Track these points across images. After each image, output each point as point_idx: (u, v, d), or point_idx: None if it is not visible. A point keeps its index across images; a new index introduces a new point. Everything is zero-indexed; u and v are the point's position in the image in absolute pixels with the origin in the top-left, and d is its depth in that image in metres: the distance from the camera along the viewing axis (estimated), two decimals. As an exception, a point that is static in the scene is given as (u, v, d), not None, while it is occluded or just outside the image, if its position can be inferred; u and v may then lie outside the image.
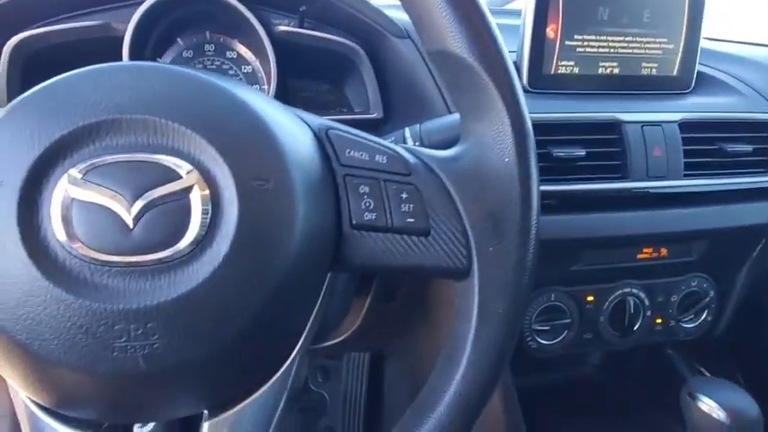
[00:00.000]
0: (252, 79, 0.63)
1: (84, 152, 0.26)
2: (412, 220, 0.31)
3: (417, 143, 0.45)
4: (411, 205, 0.32)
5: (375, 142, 0.33)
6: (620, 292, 0.61)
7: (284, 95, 0.62)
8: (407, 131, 0.46)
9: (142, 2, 0.53)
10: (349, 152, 0.32)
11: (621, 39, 0.65)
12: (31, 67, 0.52)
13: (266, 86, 0.63)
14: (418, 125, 0.46)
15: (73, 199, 0.25)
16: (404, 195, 0.32)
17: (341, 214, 0.31)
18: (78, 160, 0.25)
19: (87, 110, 0.26)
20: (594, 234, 0.58)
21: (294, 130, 0.31)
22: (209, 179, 0.26)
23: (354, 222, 0.31)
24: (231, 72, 0.63)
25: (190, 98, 0.28)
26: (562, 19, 0.62)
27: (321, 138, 0.32)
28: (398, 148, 0.33)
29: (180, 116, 0.27)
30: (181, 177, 0.26)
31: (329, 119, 0.34)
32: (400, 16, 0.62)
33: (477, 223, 0.32)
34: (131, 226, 0.25)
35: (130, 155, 0.26)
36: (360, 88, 0.61)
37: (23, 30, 0.51)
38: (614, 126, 0.59)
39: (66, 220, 0.25)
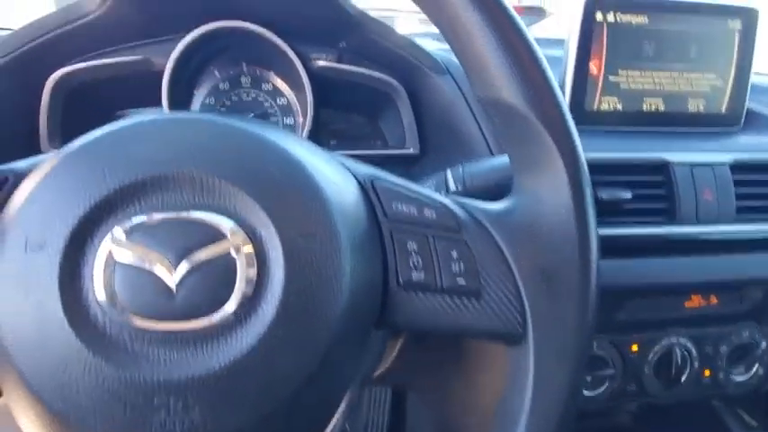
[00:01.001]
0: (287, 111, 0.63)
1: (129, 210, 0.25)
2: (463, 280, 0.30)
3: (460, 186, 0.44)
4: (462, 264, 0.30)
5: (423, 195, 0.32)
6: (666, 341, 0.58)
7: (318, 128, 0.61)
8: (449, 174, 0.44)
9: (181, 37, 0.53)
10: (396, 205, 0.31)
11: (667, 74, 0.62)
12: (71, 101, 0.53)
13: (301, 119, 0.62)
14: (461, 167, 0.45)
15: (116, 261, 0.24)
16: (454, 253, 0.30)
17: (387, 271, 0.29)
18: (123, 218, 0.25)
19: (134, 165, 0.25)
20: (640, 281, 0.55)
21: (339, 182, 0.29)
22: (254, 238, 0.25)
23: (402, 281, 0.29)
24: (266, 104, 0.63)
25: (236, 152, 0.27)
26: (606, 53, 0.60)
27: (366, 188, 0.31)
28: (447, 201, 0.32)
29: (225, 172, 0.26)
30: (225, 237, 0.25)
31: (364, 153, 0.32)
32: (439, 45, 0.62)
33: (532, 284, 0.30)
34: (174, 290, 0.24)
35: (175, 213, 0.25)
36: (396, 122, 0.60)
37: (65, 64, 0.51)
38: (662, 167, 0.56)
39: (109, 283, 0.24)
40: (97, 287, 0.24)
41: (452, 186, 0.44)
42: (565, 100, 0.30)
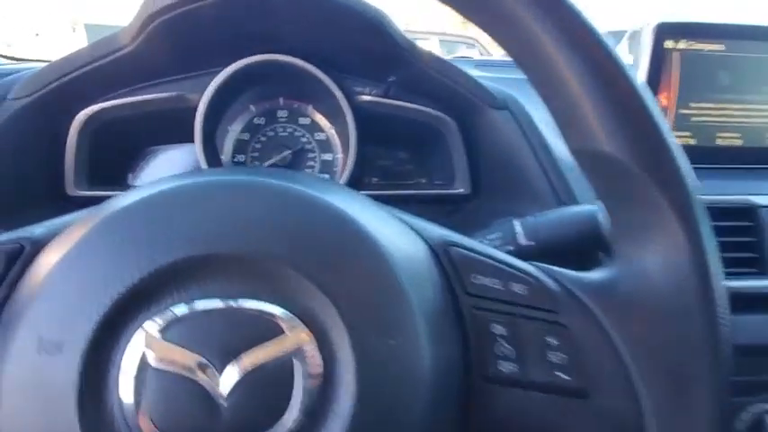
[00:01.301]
0: (325, 147, 0.59)
1: (165, 300, 0.20)
2: (565, 375, 0.24)
3: (533, 240, 0.38)
4: (562, 355, 0.24)
5: (507, 264, 0.26)
6: (755, 408, 0.51)
7: (361, 164, 0.57)
8: (517, 226, 0.39)
9: (216, 71, 0.50)
10: (476, 278, 0.26)
11: (744, 107, 0.57)
12: (99, 138, 0.49)
13: (341, 155, 0.58)
14: (531, 218, 0.39)
15: (149, 365, 0.19)
16: (551, 341, 0.25)
17: (470, 361, 0.24)
18: (157, 311, 0.20)
19: (172, 244, 0.20)
20: (727, 341, 0.48)
21: (413, 255, 0.25)
22: (319, 336, 0.20)
23: (487, 374, 0.24)
24: (304, 139, 0.59)
25: (294, 225, 0.22)
26: (678, 85, 0.55)
27: (441, 257, 0.26)
28: (537, 272, 0.26)
29: (282, 251, 0.21)
30: (283, 333, 0.20)
31: (411, 193, 0.27)
32: (482, 74, 0.57)
33: (652, 381, 0.24)
34: (221, 403, 0.19)
35: (222, 303, 0.20)
36: (445, 160, 0.56)
37: (94, 102, 0.48)
38: (749, 211, 0.50)
39: (137, 396, 0.19)
40: (125, 400, 0.19)
41: (522, 240, 0.39)
42: (684, 156, 0.25)
